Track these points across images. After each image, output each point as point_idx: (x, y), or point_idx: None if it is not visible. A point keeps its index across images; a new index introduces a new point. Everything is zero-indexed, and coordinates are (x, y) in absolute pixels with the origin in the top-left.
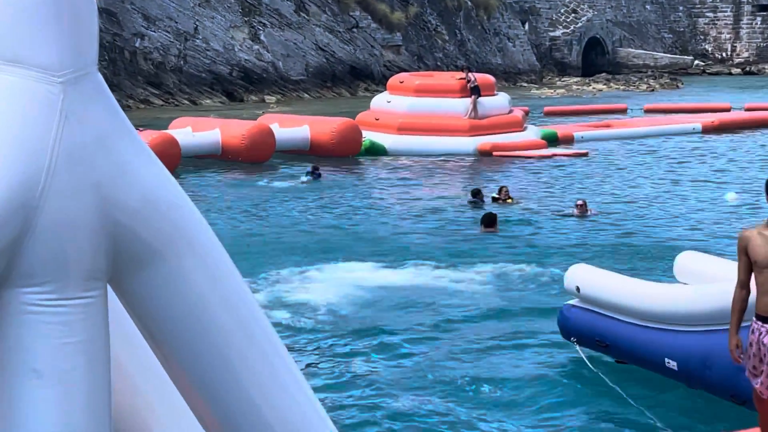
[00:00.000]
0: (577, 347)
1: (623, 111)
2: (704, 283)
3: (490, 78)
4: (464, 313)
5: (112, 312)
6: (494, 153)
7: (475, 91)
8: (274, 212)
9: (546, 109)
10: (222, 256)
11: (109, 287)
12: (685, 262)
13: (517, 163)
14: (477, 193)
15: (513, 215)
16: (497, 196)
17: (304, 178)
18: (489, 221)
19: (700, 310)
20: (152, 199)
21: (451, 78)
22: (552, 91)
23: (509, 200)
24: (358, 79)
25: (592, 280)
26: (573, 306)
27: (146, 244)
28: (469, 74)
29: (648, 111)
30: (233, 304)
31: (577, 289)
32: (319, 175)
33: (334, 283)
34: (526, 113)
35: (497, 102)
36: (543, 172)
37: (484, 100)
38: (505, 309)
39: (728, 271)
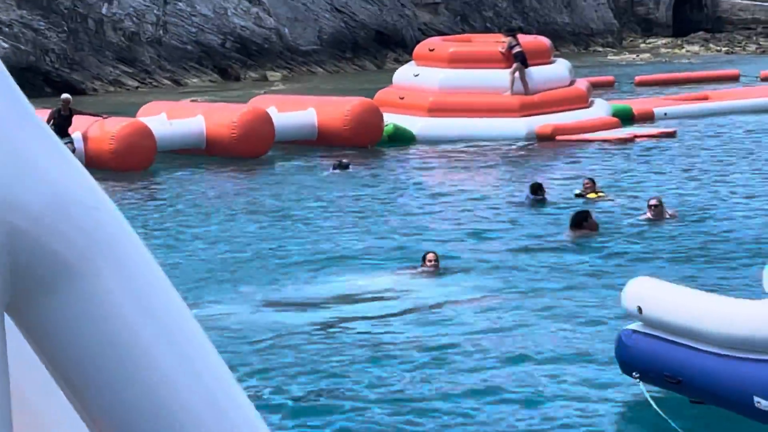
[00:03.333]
0: (641, 384)
1: (735, 79)
2: None
3: (544, 41)
4: (506, 337)
5: (12, 334)
6: (557, 137)
7: (519, 58)
8: (281, 214)
9: (638, 78)
10: (150, 269)
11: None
12: None
13: (584, 148)
14: (538, 189)
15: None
16: (580, 191)
17: (328, 171)
18: (577, 221)
19: None
20: (62, 200)
21: (495, 42)
22: (635, 56)
23: (595, 195)
24: (386, 47)
25: (658, 298)
26: (634, 331)
27: (55, 257)
28: (510, 38)
29: (766, 79)
30: (166, 328)
31: (639, 309)
32: (347, 166)
33: (353, 295)
34: (611, 84)
35: (554, 72)
36: (613, 160)
37: (535, 70)
38: (554, 334)
39: None
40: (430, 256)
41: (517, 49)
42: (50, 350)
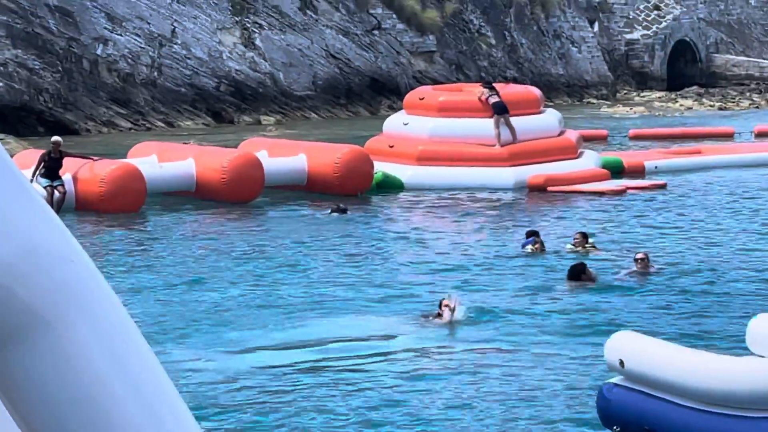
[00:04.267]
0: None
1: (729, 136)
2: None
3: (534, 91)
4: (488, 388)
5: None
6: (549, 188)
7: (497, 108)
8: (272, 259)
9: (632, 132)
10: (121, 321)
11: None
12: (761, 328)
13: (574, 199)
14: (533, 236)
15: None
16: (572, 245)
17: (325, 214)
18: (575, 273)
19: None
20: (34, 251)
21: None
22: (628, 108)
23: (584, 250)
24: (381, 94)
25: (640, 352)
26: (616, 385)
27: (27, 308)
28: (486, 89)
29: (760, 135)
30: (135, 382)
31: (621, 363)
32: (345, 211)
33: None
34: (605, 138)
35: (543, 122)
36: (603, 212)
37: (524, 120)
38: (535, 386)
39: None
40: (446, 302)
41: (493, 99)
42: (18, 398)
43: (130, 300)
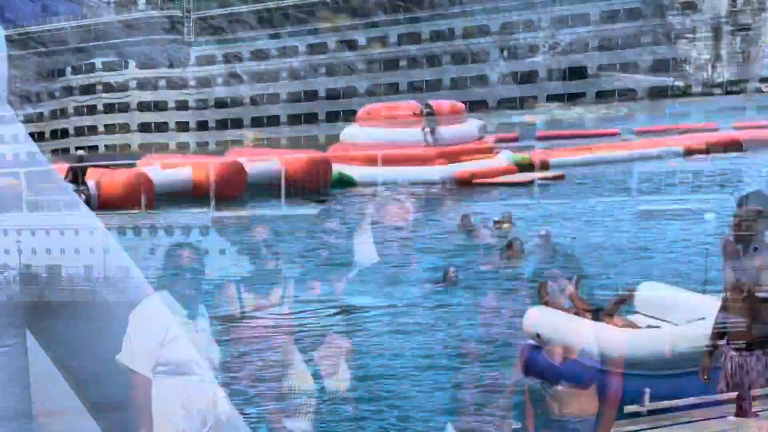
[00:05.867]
0: None
1: (616, 135)
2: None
3: (457, 104)
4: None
5: None
6: (474, 181)
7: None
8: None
9: (539, 133)
10: None
11: None
12: (646, 294)
13: (492, 190)
14: (465, 218)
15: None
16: (499, 219)
17: (317, 207)
18: (507, 245)
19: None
20: None
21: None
22: (533, 117)
23: (509, 225)
24: None
25: (552, 325)
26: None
27: None
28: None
29: (640, 133)
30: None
31: (538, 336)
32: (324, 201)
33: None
34: (515, 139)
35: (465, 129)
36: (513, 199)
37: (450, 128)
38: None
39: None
40: (451, 270)
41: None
42: None
43: None
